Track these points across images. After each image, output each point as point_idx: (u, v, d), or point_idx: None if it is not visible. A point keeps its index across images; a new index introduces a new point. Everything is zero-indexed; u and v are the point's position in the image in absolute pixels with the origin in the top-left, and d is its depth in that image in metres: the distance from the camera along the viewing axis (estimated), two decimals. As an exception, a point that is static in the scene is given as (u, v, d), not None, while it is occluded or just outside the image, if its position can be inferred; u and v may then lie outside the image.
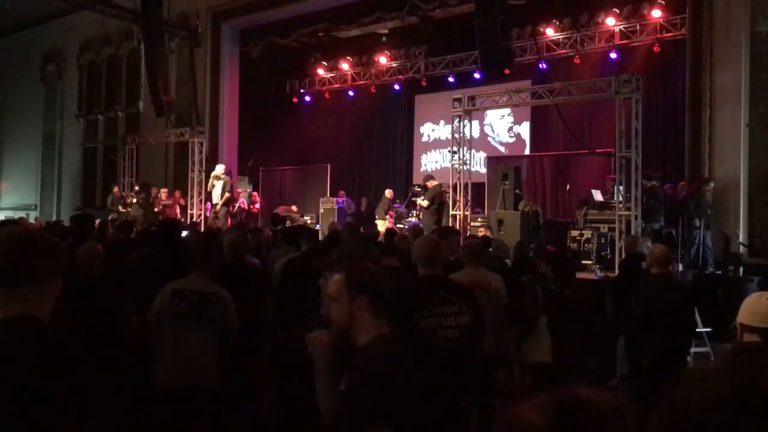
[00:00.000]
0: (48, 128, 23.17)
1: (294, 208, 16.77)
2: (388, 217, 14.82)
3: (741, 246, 10.76)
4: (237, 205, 16.51)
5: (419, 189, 14.13)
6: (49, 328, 1.80)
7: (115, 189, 17.37)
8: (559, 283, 5.08)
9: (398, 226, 13.82)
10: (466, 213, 12.25)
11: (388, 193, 15.68)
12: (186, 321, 4.38)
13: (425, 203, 12.51)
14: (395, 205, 15.73)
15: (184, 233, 8.51)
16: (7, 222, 9.78)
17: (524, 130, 16.78)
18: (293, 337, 3.08)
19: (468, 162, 12.42)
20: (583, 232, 11.18)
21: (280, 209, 15.56)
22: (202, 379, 4.41)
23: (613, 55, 14.62)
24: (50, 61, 22.97)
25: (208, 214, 16.27)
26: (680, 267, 9.80)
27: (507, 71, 12.90)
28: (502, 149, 17.08)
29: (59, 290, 1.87)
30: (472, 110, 12.42)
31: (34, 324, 1.76)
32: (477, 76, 15.79)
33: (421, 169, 18.15)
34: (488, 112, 15.93)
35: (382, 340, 2.40)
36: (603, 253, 10.57)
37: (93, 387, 1.76)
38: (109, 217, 14.38)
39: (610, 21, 14.50)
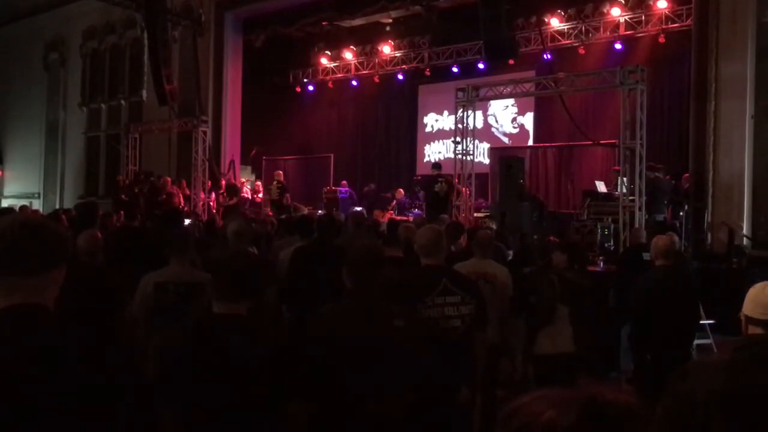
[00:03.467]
0: (51, 117, 23.14)
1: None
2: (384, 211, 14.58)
3: (745, 238, 10.73)
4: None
5: (441, 179, 13.51)
6: (54, 316, 1.80)
7: (119, 178, 17.39)
8: (574, 273, 5.05)
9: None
10: (470, 204, 12.23)
11: (399, 193, 15.48)
12: (176, 315, 4.12)
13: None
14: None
15: (187, 221, 8.51)
16: (7, 210, 9.79)
17: (528, 120, 16.74)
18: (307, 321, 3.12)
19: (471, 153, 12.39)
20: (587, 223, 11.16)
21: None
22: None
23: (618, 46, 14.56)
24: (53, 50, 22.91)
25: (211, 203, 16.31)
26: (683, 259, 9.78)
27: (511, 61, 12.87)
28: (506, 140, 17.04)
29: (63, 278, 1.86)
30: (476, 101, 12.37)
31: (40, 312, 1.76)
32: (481, 66, 15.75)
33: (425, 160, 18.13)
34: (492, 102, 15.87)
35: None
36: (607, 245, 10.55)
37: (98, 375, 1.75)
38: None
39: (615, 11, 14.43)
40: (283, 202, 15.33)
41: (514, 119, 16.98)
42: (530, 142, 16.45)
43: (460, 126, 12.29)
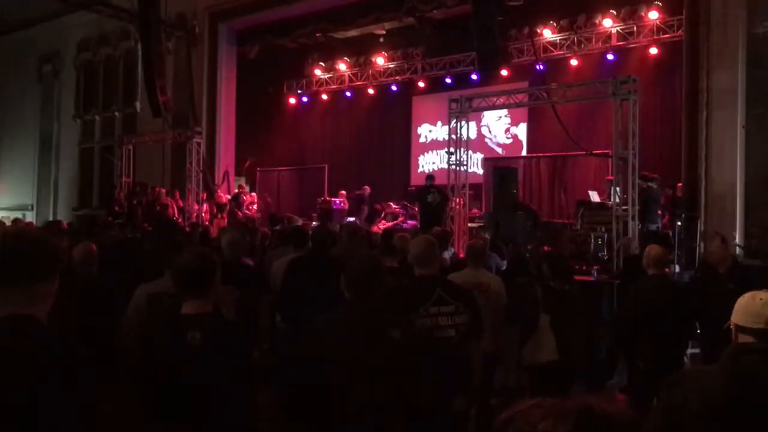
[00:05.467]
0: (45, 128, 23.12)
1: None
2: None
3: (737, 248, 10.76)
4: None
5: (433, 190, 13.45)
6: (45, 327, 1.80)
7: (116, 190, 17.39)
8: (559, 281, 5.08)
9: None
10: (464, 214, 12.23)
11: (388, 206, 15.67)
12: None
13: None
14: (394, 206, 15.75)
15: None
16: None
17: (521, 131, 16.79)
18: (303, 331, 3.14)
19: (465, 163, 12.41)
20: (581, 233, 11.18)
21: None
22: None
23: (610, 57, 14.64)
24: (47, 62, 22.92)
25: (204, 214, 16.33)
26: (677, 268, 9.81)
27: (505, 72, 12.90)
28: (499, 150, 17.09)
29: (57, 289, 1.87)
30: (469, 111, 12.40)
31: (31, 323, 1.76)
32: (474, 77, 15.80)
33: (419, 170, 18.16)
34: (485, 113, 15.92)
35: None
36: (600, 254, 10.58)
37: (91, 387, 1.75)
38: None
39: (607, 22, 14.51)
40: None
41: (507, 130, 17.03)
42: (524, 153, 16.49)
43: (453, 136, 12.31)
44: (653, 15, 13.88)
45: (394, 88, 18.37)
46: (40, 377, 1.68)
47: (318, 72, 19.46)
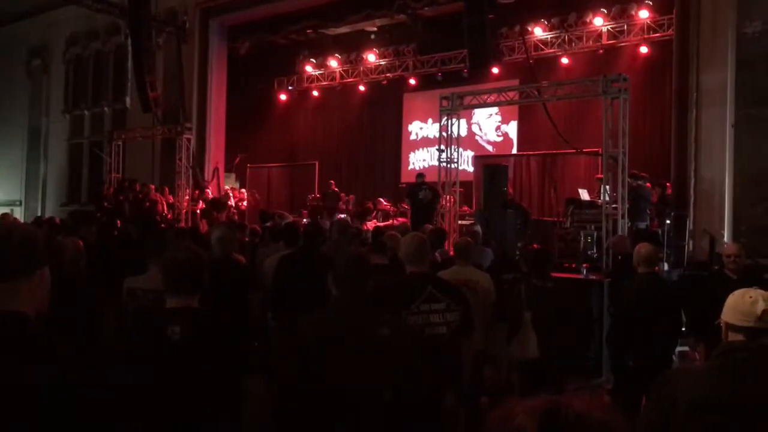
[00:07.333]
0: (33, 123, 22.96)
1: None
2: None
3: (725, 246, 10.82)
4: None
5: (425, 186, 13.43)
6: (34, 324, 1.78)
7: (104, 186, 17.30)
8: (541, 278, 5.09)
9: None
10: (454, 211, 12.23)
11: (379, 203, 15.72)
12: None
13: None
14: (385, 203, 15.75)
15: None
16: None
17: (512, 129, 16.82)
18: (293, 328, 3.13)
19: (455, 160, 12.41)
20: (570, 231, 11.21)
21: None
22: None
23: (600, 55, 14.69)
24: (36, 56, 22.76)
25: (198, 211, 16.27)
26: (666, 266, 9.85)
27: (496, 70, 12.91)
28: (490, 148, 17.11)
29: (46, 284, 1.85)
30: (460, 109, 12.39)
31: (18, 319, 1.74)
32: (465, 74, 15.82)
33: (409, 167, 18.16)
34: (476, 110, 15.95)
35: None
36: (589, 252, 10.60)
37: (79, 384, 1.74)
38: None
39: (598, 21, 14.57)
40: (338, 206, 15.50)
41: (498, 127, 17.05)
42: (514, 150, 16.53)
43: (444, 134, 12.31)
44: (644, 14, 13.95)
45: (385, 84, 18.36)
46: (35, 376, 1.67)
47: (309, 68, 19.43)
